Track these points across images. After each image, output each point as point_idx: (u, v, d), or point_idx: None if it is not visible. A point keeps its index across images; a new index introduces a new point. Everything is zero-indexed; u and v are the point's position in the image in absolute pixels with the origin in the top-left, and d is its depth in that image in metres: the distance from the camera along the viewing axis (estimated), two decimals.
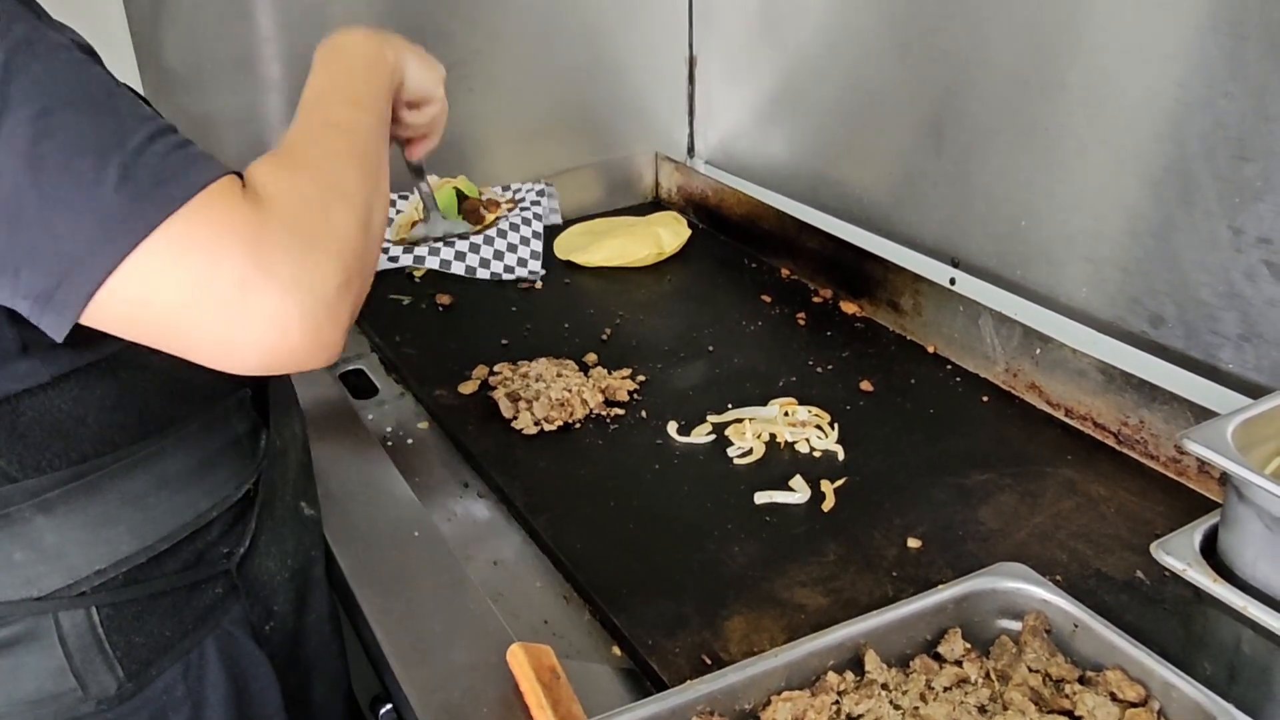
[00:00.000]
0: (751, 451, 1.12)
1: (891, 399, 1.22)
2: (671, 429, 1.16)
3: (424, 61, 0.91)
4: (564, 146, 1.78)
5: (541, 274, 1.53)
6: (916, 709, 0.70)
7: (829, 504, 1.03)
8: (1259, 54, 0.96)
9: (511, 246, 1.53)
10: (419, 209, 1.59)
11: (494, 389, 1.22)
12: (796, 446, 1.12)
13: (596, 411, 1.19)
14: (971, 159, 1.30)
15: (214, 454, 0.82)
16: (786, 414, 1.17)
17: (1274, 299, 1.00)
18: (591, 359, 1.31)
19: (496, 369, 1.27)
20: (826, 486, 1.05)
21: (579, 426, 1.17)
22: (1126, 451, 1.09)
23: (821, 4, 1.50)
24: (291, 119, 0.74)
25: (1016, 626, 0.77)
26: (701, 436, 1.15)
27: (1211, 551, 0.72)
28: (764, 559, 0.96)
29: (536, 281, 1.53)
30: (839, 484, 1.06)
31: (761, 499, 1.04)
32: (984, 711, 0.71)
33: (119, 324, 0.61)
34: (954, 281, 1.33)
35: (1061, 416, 1.15)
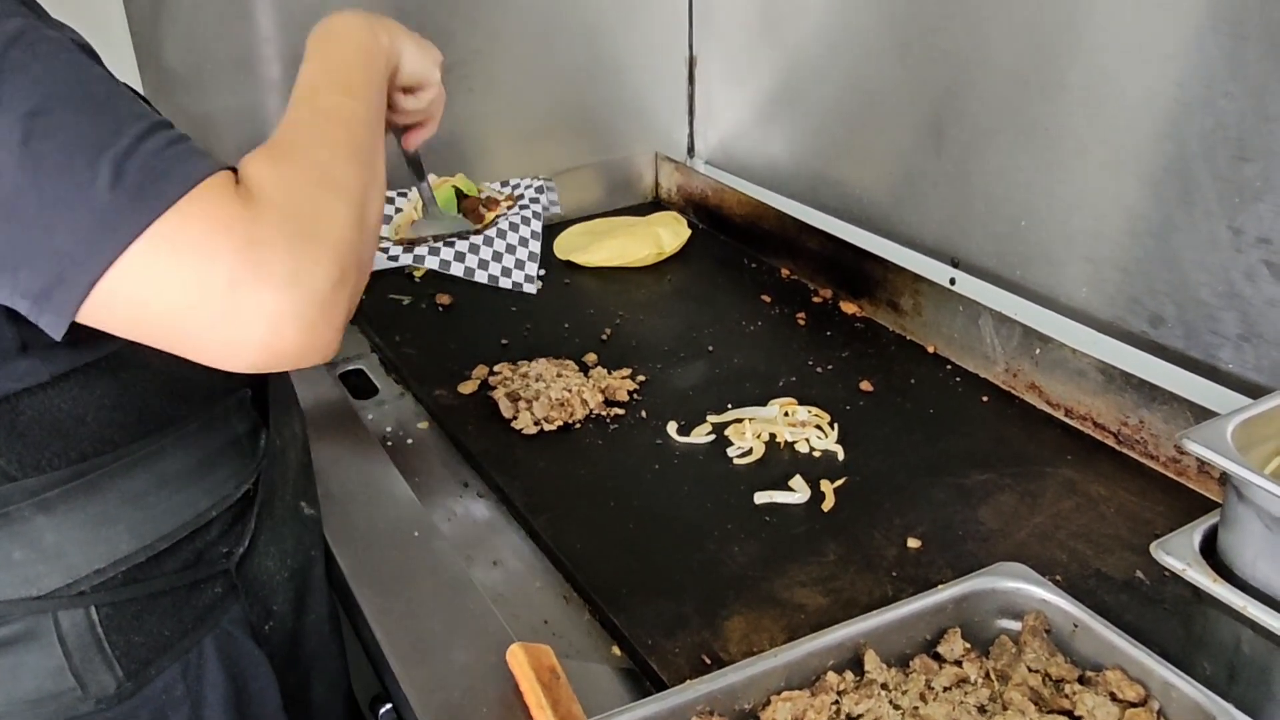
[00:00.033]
0: (751, 451, 1.12)
1: (891, 399, 1.22)
2: (671, 429, 1.16)
3: (419, 45, 0.89)
4: (564, 146, 1.78)
5: (539, 283, 1.52)
6: (916, 709, 0.70)
7: (829, 504, 1.03)
8: (1259, 54, 0.96)
9: (510, 248, 1.53)
10: (419, 207, 1.59)
11: (494, 389, 1.22)
12: (796, 446, 1.12)
13: (596, 411, 1.19)
14: (971, 159, 1.30)
15: (214, 453, 0.82)
16: (786, 414, 1.17)
17: (1274, 299, 1.00)
18: (591, 359, 1.31)
19: (496, 369, 1.27)
20: (826, 486, 1.05)
21: (579, 426, 1.17)
22: (1126, 451, 1.09)
23: (821, 4, 1.50)
24: None
25: (1016, 626, 0.77)
26: (701, 436, 1.15)
27: (1211, 551, 0.72)
28: (764, 559, 0.96)
29: (534, 291, 1.52)
30: (839, 484, 1.06)
31: (761, 499, 1.04)
32: (983, 711, 0.71)
33: (116, 323, 0.61)
34: (954, 281, 1.33)
35: (1061, 416, 1.16)
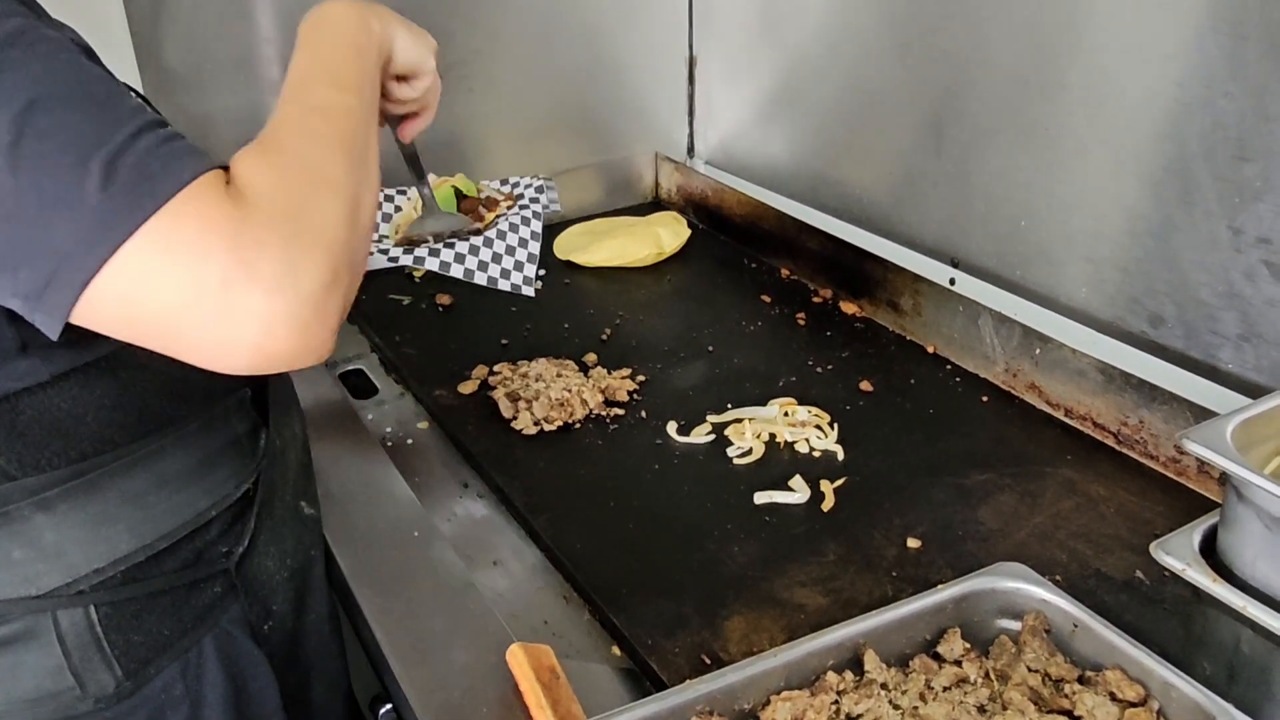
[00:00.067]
0: (751, 451, 1.12)
1: (891, 399, 1.22)
2: (671, 429, 1.16)
3: (413, 32, 0.87)
4: (564, 146, 1.78)
5: (538, 284, 1.52)
6: (916, 709, 0.70)
7: (829, 504, 1.03)
8: (1259, 54, 0.96)
9: (510, 248, 1.53)
10: (418, 207, 1.59)
11: (494, 389, 1.22)
12: (796, 446, 1.12)
13: (596, 411, 1.19)
14: (971, 159, 1.30)
15: (213, 453, 0.82)
16: (786, 414, 1.17)
17: (1274, 299, 1.00)
18: (591, 359, 1.30)
19: (496, 369, 1.27)
20: (826, 486, 1.05)
21: (579, 426, 1.17)
22: (1126, 451, 1.09)
23: (821, 4, 1.50)
24: None
25: (1016, 626, 0.77)
26: (701, 436, 1.15)
27: (1211, 551, 0.72)
28: (764, 559, 0.96)
29: (532, 294, 1.52)
30: (839, 484, 1.06)
31: (761, 499, 1.04)
32: (983, 711, 0.71)
33: (109, 323, 0.60)
34: (954, 281, 1.33)
35: (1061, 416, 1.15)
